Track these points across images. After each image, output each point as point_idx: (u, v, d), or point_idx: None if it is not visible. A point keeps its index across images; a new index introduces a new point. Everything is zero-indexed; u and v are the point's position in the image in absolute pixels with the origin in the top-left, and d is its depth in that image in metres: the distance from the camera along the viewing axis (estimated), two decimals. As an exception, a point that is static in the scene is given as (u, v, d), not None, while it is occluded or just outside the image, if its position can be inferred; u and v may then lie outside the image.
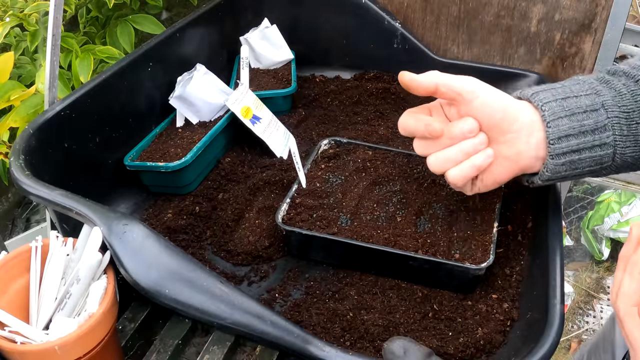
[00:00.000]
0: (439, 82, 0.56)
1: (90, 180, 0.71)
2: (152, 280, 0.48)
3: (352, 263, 0.65)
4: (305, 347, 0.47)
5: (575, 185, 2.04)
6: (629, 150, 0.56)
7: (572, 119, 0.54)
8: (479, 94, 0.55)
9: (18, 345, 0.43)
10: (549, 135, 0.54)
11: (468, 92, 0.55)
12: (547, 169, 0.56)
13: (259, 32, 0.95)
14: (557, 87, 0.57)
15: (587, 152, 0.55)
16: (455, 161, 0.56)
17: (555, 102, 0.55)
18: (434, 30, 1.00)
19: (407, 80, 0.56)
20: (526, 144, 0.56)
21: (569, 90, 0.56)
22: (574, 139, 0.54)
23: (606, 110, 0.55)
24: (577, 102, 0.55)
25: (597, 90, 0.56)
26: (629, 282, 0.41)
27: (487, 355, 0.56)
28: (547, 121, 0.54)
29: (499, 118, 0.55)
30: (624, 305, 0.41)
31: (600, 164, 0.56)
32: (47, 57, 0.68)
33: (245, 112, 0.79)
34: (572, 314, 1.81)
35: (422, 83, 0.56)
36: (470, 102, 0.55)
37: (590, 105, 0.55)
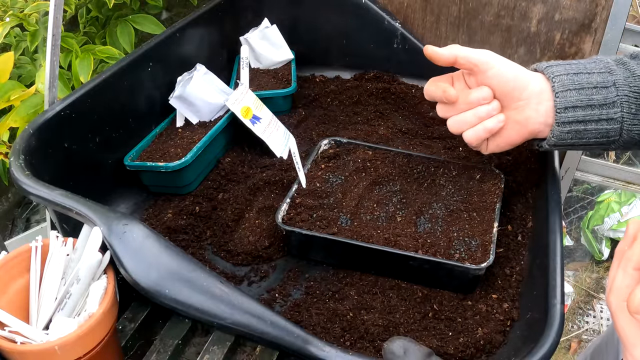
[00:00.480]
0: (458, 54, 0.63)
1: (90, 180, 0.71)
2: (152, 280, 0.48)
3: (352, 263, 0.65)
4: (305, 347, 0.47)
5: (575, 185, 2.04)
6: (636, 128, 0.59)
7: (581, 93, 0.59)
8: (493, 65, 0.62)
9: (18, 345, 0.43)
10: (556, 104, 0.60)
11: (483, 63, 0.62)
12: (554, 134, 0.61)
13: (259, 32, 0.95)
14: (572, 63, 0.62)
15: (594, 124, 0.60)
16: (471, 124, 0.64)
17: (566, 75, 0.60)
18: (434, 30, 1.00)
19: (430, 52, 0.63)
20: (535, 110, 0.61)
21: (583, 67, 0.61)
22: (580, 110, 0.59)
23: (617, 88, 0.59)
24: (589, 78, 0.60)
25: (611, 69, 0.60)
26: (622, 277, 0.41)
27: (487, 355, 0.56)
28: (556, 92, 0.60)
29: (511, 87, 0.62)
30: (616, 300, 0.41)
31: (606, 137, 0.61)
32: (47, 57, 0.68)
33: (245, 112, 0.79)
34: (572, 314, 1.81)
35: (443, 55, 0.63)
36: (486, 72, 0.62)
37: (602, 82, 0.59)
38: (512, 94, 0.62)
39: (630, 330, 0.39)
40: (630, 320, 0.40)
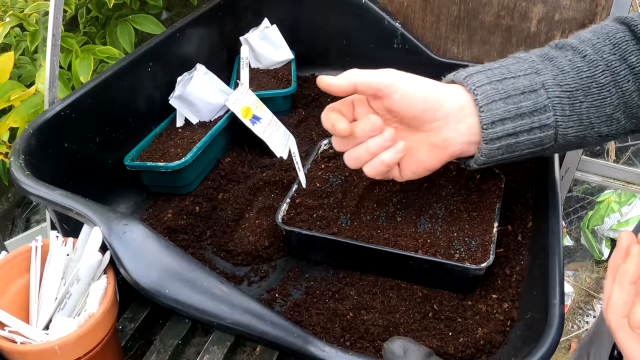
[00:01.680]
0: (356, 81, 0.54)
1: (90, 180, 0.71)
2: (152, 280, 0.48)
3: (352, 263, 0.65)
4: (305, 347, 0.47)
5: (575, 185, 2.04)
6: (571, 131, 0.54)
7: (508, 102, 0.52)
8: (398, 87, 0.54)
9: (18, 345, 0.43)
10: (482, 120, 0.53)
11: (387, 87, 0.54)
12: (482, 153, 0.55)
13: (259, 32, 0.95)
14: (494, 67, 0.55)
15: (525, 134, 0.53)
16: (365, 160, 0.56)
17: (489, 84, 0.53)
18: (434, 30, 1.00)
19: (324, 85, 0.54)
20: (454, 130, 0.54)
21: (507, 70, 0.54)
22: (509, 122, 0.53)
23: (546, 90, 0.53)
24: (515, 83, 0.53)
25: (537, 69, 0.54)
26: (618, 292, 0.40)
27: (487, 355, 0.56)
28: (480, 105, 0.53)
29: (422, 108, 0.54)
30: (615, 317, 0.40)
31: (540, 145, 0.54)
32: (47, 57, 0.68)
33: (245, 112, 0.79)
34: (572, 314, 1.81)
35: (340, 85, 0.54)
36: (391, 95, 0.54)
37: (529, 86, 0.53)
38: (424, 116, 0.54)
39: (631, 345, 0.39)
40: (632, 336, 0.39)
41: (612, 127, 0.55)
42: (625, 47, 0.53)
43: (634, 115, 0.55)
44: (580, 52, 0.54)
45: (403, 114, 0.55)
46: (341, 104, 0.57)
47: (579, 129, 0.54)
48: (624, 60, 0.53)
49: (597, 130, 0.54)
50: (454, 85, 0.56)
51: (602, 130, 0.54)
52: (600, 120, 0.54)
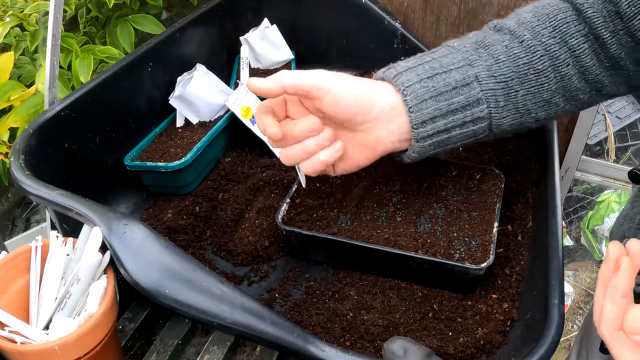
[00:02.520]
0: (285, 84, 0.52)
1: (90, 180, 0.71)
2: (152, 280, 0.48)
3: (352, 263, 0.65)
4: (305, 347, 0.47)
5: (575, 185, 2.04)
6: (506, 120, 0.53)
7: (439, 99, 0.51)
8: (329, 90, 0.52)
9: (18, 345, 0.43)
10: (411, 120, 0.52)
11: (317, 90, 0.52)
12: (414, 150, 0.55)
13: (259, 32, 0.95)
14: (425, 61, 0.54)
15: (458, 129, 0.53)
16: (302, 158, 0.55)
17: (419, 83, 0.52)
18: (434, 30, 1.00)
19: (254, 89, 0.53)
20: (385, 130, 0.54)
21: (438, 64, 0.53)
22: (440, 119, 0.52)
23: (480, 83, 0.51)
24: (446, 79, 0.52)
25: (470, 60, 0.52)
26: (610, 306, 0.39)
27: (487, 355, 0.56)
28: (410, 106, 0.52)
29: (353, 112, 0.53)
30: (608, 331, 0.39)
31: (473, 136, 0.54)
32: (47, 57, 0.69)
33: (245, 112, 0.79)
34: (572, 314, 1.81)
35: (271, 89, 0.52)
36: (321, 99, 0.53)
37: (461, 80, 0.52)
38: (356, 119, 0.53)
39: (628, 356, 0.38)
40: (627, 346, 0.39)
41: (551, 111, 0.54)
42: (566, 29, 0.52)
43: (574, 97, 0.54)
44: (518, 36, 0.53)
45: (334, 116, 0.54)
46: (273, 102, 0.56)
47: (515, 117, 0.53)
48: (564, 44, 0.52)
49: (534, 115, 0.54)
50: (385, 84, 0.54)
51: (540, 115, 0.54)
52: (537, 106, 0.53)
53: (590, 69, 0.52)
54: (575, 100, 0.55)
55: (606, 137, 1.91)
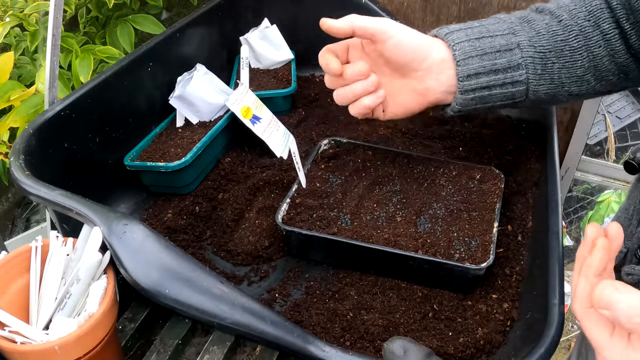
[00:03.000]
0: (354, 25, 0.60)
1: (90, 180, 0.71)
2: (152, 280, 0.48)
3: (352, 263, 0.65)
4: (305, 347, 0.47)
5: (575, 185, 2.04)
6: (542, 88, 0.59)
7: (484, 58, 0.58)
8: (392, 35, 0.59)
9: (18, 345, 0.43)
10: (458, 73, 0.58)
11: (382, 33, 0.59)
12: (457, 102, 0.60)
13: (259, 32, 0.95)
14: (474, 26, 0.60)
15: (498, 88, 0.59)
16: (349, 99, 0.62)
17: (468, 42, 0.58)
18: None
19: (326, 27, 0.61)
20: (436, 80, 0.60)
21: (486, 30, 0.59)
22: (484, 76, 0.58)
23: (521, 50, 0.57)
24: (492, 42, 0.58)
25: (514, 30, 0.58)
26: (583, 284, 0.40)
27: (487, 355, 0.56)
28: (457, 60, 0.58)
29: (410, 57, 0.59)
30: (580, 307, 0.40)
31: (512, 99, 0.60)
32: (47, 57, 0.68)
33: (245, 112, 0.79)
34: (572, 314, 1.81)
35: (341, 27, 0.60)
36: (384, 42, 0.59)
37: (505, 45, 0.58)
38: (412, 65, 0.60)
39: (598, 333, 0.39)
40: (598, 323, 0.39)
41: (582, 88, 0.59)
42: (600, 14, 0.57)
43: (604, 77, 0.59)
44: (557, 16, 0.58)
45: (393, 60, 0.60)
46: (337, 46, 0.64)
47: (550, 87, 0.59)
48: (597, 27, 0.57)
49: (567, 89, 0.59)
50: (438, 40, 0.61)
51: (572, 89, 0.59)
52: (570, 81, 0.58)
53: (619, 52, 0.57)
54: (605, 81, 0.60)
55: (606, 137, 1.91)
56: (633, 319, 0.35)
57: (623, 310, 0.35)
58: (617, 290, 0.36)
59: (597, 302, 0.37)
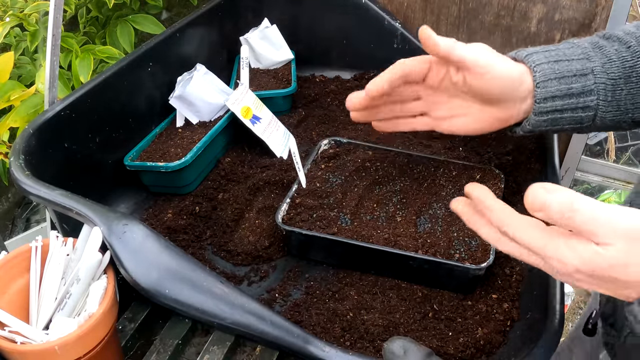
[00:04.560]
0: (452, 52, 0.57)
1: (90, 180, 0.71)
2: (152, 280, 0.48)
3: (352, 263, 0.65)
4: (305, 347, 0.47)
5: (575, 185, 2.04)
6: (609, 115, 0.59)
7: (562, 82, 0.58)
8: (488, 71, 0.57)
9: (18, 345, 0.43)
10: (536, 94, 0.58)
11: (479, 67, 0.57)
12: (530, 123, 0.60)
13: (259, 32, 0.95)
14: (551, 49, 0.60)
15: (570, 112, 0.59)
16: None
17: (547, 64, 0.58)
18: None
19: (425, 37, 0.57)
20: (518, 109, 0.60)
21: (562, 53, 0.59)
22: (559, 100, 0.58)
23: (595, 76, 0.58)
24: (569, 66, 0.58)
25: (588, 55, 0.59)
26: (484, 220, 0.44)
27: (487, 355, 0.56)
28: (537, 82, 0.58)
29: (501, 92, 0.59)
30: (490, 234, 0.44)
31: (580, 123, 0.60)
32: (47, 57, 0.68)
33: (245, 112, 0.79)
34: (572, 314, 1.81)
35: (438, 46, 0.57)
36: (480, 75, 0.57)
37: (581, 70, 0.58)
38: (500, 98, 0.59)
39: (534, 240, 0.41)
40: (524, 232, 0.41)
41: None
42: None
43: None
44: (626, 42, 0.59)
45: (482, 92, 0.59)
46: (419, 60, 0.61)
47: (616, 114, 0.59)
48: None
49: (631, 115, 0.59)
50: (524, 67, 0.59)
51: (636, 116, 0.59)
52: (634, 107, 0.59)
53: None
54: None
55: (606, 137, 1.91)
56: (566, 214, 0.37)
57: (555, 209, 0.37)
58: (547, 190, 0.38)
59: (530, 206, 0.39)
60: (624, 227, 0.36)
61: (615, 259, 0.37)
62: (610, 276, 0.37)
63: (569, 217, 0.37)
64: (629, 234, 0.36)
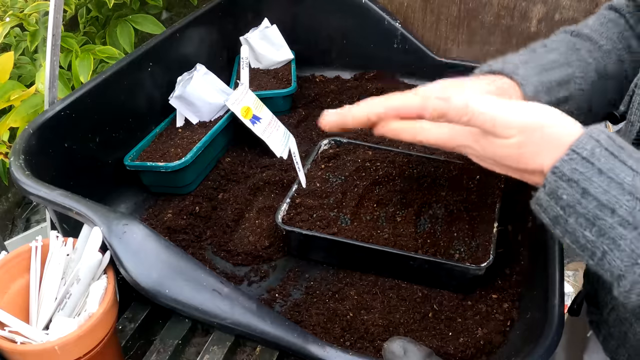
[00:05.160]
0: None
1: (90, 180, 0.71)
2: (152, 280, 0.48)
3: (352, 263, 0.65)
4: (305, 347, 0.47)
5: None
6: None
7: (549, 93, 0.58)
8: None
9: (18, 345, 0.43)
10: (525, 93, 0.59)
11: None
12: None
13: (259, 32, 0.95)
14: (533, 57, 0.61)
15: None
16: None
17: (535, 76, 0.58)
18: (434, 30, 1.00)
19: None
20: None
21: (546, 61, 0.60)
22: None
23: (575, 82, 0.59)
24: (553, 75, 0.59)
25: (568, 60, 0.60)
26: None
27: (487, 355, 0.56)
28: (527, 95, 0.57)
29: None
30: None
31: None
32: (47, 57, 0.68)
33: (245, 112, 0.79)
34: (572, 314, 1.81)
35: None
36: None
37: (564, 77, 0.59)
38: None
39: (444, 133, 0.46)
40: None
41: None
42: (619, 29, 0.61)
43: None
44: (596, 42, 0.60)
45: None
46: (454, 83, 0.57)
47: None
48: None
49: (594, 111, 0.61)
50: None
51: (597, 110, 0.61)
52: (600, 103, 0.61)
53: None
54: None
55: (606, 137, 1.90)
56: (463, 118, 0.43)
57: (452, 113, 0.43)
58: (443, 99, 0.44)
59: (430, 114, 0.44)
60: (519, 122, 0.42)
61: (511, 147, 0.43)
62: (510, 165, 0.45)
63: (468, 120, 0.43)
64: (523, 127, 0.42)
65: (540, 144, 0.42)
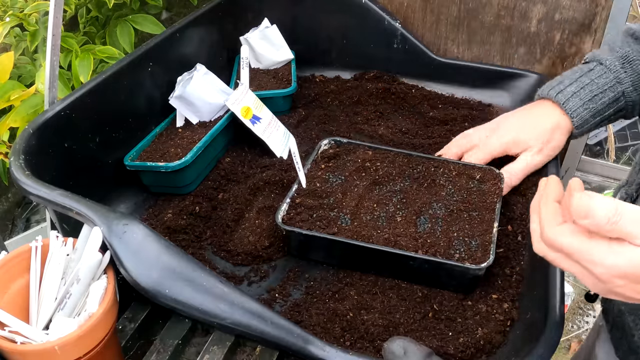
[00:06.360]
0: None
1: (90, 180, 0.71)
2: (152, 280, 0.48)
3: (352, 263, 0.65)
4: (305, 347, 0.47)
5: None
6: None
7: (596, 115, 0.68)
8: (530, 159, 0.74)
9: (18, 345, 0.43)
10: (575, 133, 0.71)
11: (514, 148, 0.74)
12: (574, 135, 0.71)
13: (259, 32, 0.95)
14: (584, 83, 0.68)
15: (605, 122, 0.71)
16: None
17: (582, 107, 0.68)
18: (434, 30, 1.00)
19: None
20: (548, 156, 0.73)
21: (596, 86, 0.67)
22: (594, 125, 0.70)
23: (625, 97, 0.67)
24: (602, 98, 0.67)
25: (620, 78, 0.67)
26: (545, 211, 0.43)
27: (487, 355, 0.56)
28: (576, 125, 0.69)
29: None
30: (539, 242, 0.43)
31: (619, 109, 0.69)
32: (47, 57, 0.68)
33: (245, 112, 0.79)
34: (572, 314, 1.81)
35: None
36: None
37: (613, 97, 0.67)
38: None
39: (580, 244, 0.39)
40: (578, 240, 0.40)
41: None
42: None
43: None
44: None
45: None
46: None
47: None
48: None
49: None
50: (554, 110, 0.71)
51: None
52: None
53: None
54: None
55: (606, 137, 1.91)
56: (612, 219, 0.37)
57: (601, 214, 0.37)
58: (591, 197, 0.37)
59: (576, 213, 0.38)
60: None
61: None
62: None
63: (614, 222, 0.37)
64: None
65: None
